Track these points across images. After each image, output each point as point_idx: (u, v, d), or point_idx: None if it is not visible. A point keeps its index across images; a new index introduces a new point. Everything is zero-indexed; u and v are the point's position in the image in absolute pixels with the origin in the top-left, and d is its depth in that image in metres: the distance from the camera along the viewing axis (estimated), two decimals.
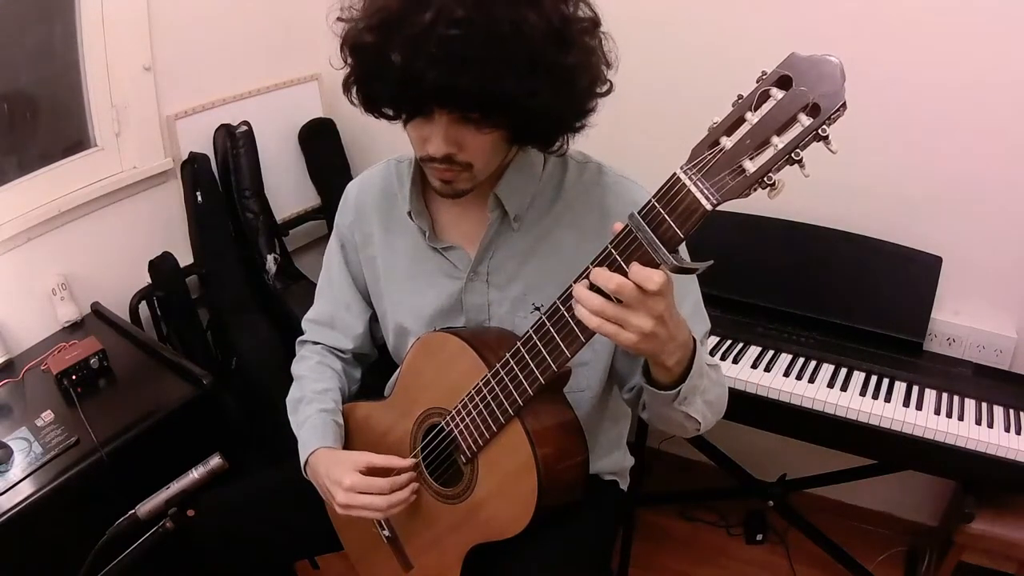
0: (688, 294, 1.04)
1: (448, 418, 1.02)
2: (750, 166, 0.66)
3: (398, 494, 1.03)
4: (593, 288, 0.77)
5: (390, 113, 0.93)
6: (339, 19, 0.90)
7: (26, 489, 1.33)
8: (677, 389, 0.90)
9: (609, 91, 0.94)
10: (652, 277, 0.73)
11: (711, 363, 1.00)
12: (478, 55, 0.79)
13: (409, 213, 1.08)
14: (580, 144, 1.09)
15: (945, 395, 1.55)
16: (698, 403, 0.94)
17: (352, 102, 0.95)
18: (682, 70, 1.81)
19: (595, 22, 0.90)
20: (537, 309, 1.04)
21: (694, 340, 0.89)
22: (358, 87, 0.93)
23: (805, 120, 0.63)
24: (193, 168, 1.96)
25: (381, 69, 0.85)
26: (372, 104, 0.93)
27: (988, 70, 1.53)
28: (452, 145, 0.90)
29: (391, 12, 0.83)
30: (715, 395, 0.99)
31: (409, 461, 1.06)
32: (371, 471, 1.04)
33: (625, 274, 0.74)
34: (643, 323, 0.76)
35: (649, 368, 0.92)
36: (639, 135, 1.77)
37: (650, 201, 0.73)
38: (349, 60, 0.91)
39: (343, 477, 1.02)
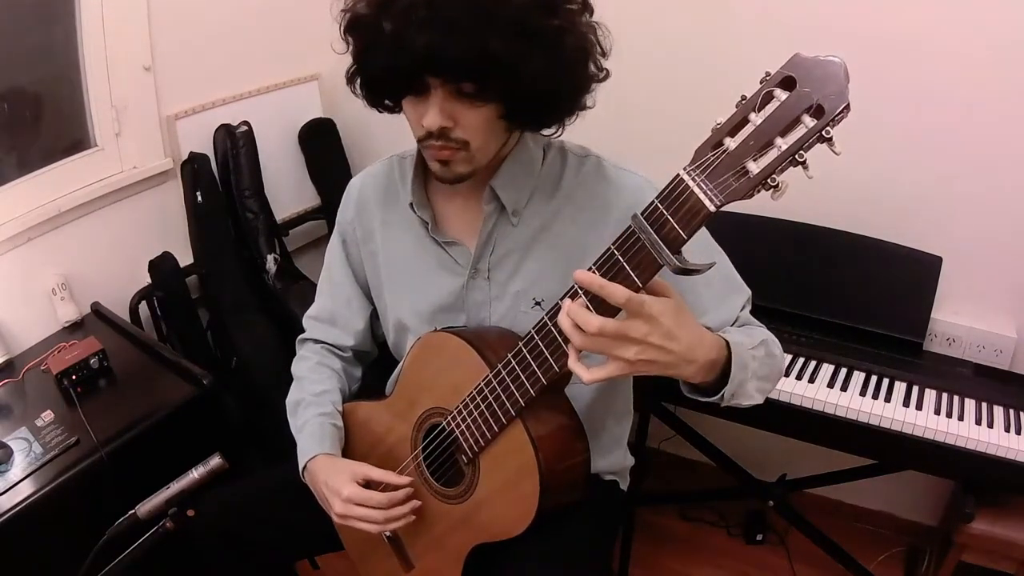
0: (714, 273, 0.99)
1: (449, 418, 1.02)
2: (754, 167, 0.66)
3: (396, 509, 1.04)
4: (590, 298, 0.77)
5: (391, 104, 0.94)
6: (343, 11, 0.94)
7: (26, 489, 1.33)
8: (720, 394, 0.89)
9: (606, 77, 0.95)
10: (615, 293, 0.72)
11: (755, 344, 0.95)
12: (464, 19, 0.82)
13: (411, 205, 1.08)
14: (582, 143, 1.09)
15: (945, 395, 1.54)
16: (749, 390, 0.93)
17: (356, 93, 0.98)
18: (686, 71, 1.81)
19: (585, 3, 0.92)
20: (538, 304, 1.04)
21: (728, 347, 0.87)
22: (358, 70, 0.96)
23: (809, 121, 0.62)
24: (193, 168, 1.96)
25: (375, 40, 0.89)
26: (373, 89, 0.96)
27: (989, 70, 1.53)
28: (447, 118, 0.91)
29: None
30: (768, 368, 0.97)
31: (406, 479, 1.07)
32: (369, 484, 1.05)
33: (627, 276, 0.75)
34: (625, 352, 0.75)
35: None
36: (642, 135, 1.76)
37: (653, 202, 0.72)
38: (349, 41, 0.94)
39: (342, 488, 1.03)
